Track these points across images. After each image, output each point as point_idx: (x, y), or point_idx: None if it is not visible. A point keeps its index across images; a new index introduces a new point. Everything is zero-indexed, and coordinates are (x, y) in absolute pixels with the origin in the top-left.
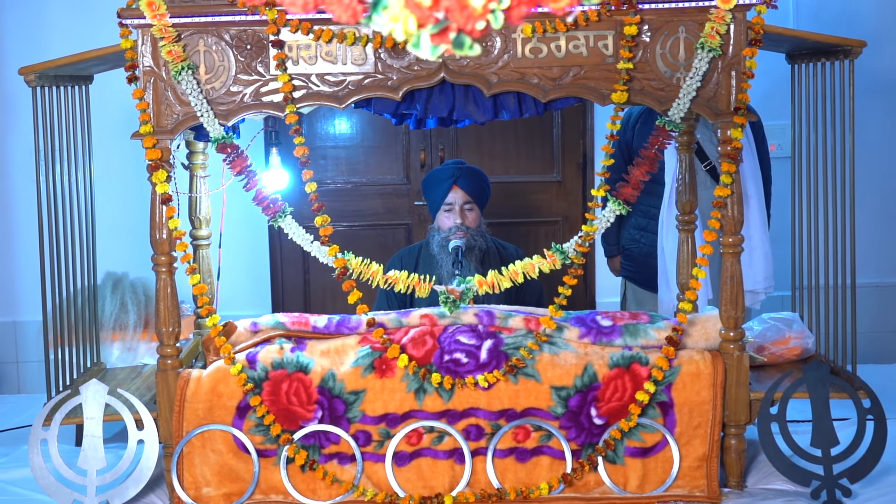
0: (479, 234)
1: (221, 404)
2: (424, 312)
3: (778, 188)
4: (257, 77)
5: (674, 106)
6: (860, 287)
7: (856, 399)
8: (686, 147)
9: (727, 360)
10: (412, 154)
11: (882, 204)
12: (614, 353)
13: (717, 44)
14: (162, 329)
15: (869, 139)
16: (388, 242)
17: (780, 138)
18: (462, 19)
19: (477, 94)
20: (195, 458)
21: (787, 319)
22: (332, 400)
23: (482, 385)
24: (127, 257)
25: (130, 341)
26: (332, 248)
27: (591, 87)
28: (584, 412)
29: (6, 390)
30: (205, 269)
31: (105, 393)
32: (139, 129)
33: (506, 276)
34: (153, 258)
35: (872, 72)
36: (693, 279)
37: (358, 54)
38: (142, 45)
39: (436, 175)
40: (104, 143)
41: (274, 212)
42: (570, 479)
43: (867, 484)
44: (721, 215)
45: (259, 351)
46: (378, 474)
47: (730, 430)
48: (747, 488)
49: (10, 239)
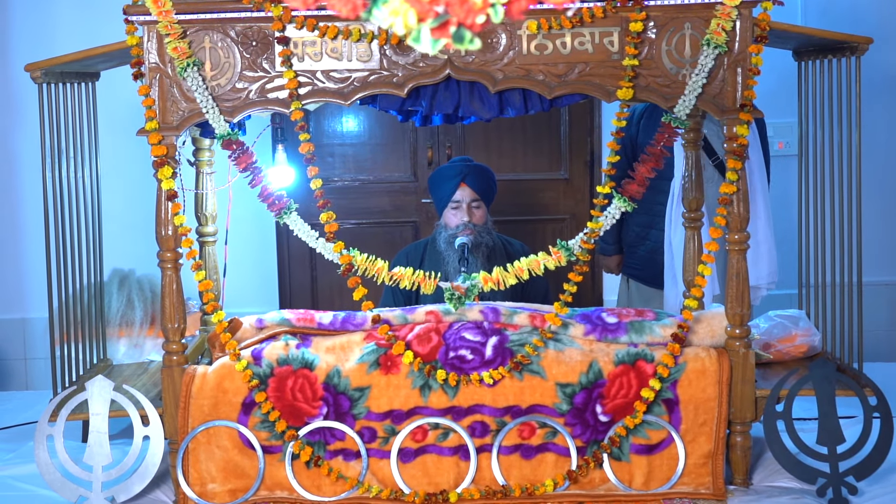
0: (485, 232)
1: (227, 400)
2: (430, 309)
3: (784, 185)
4: (263, 73)
5: (679, 103)
6: (867, 285)
7: (862, 397)
8: (692, 144)
9: (733, 357)
10: (419, 151)
11: (889, 201)
12: (620, 350)
13: (723, 40)
14: (167, 325)
15: (876, 136)
16: (395, 240)
17: (787, 136)
18: (462, 13)
19: (482, 91)
20: (200, 454)
21: (793, 317)
22: (337, 396)
23: (487, 382)
24: (133, 254)
25: (137, 338)
26: (338, 245)
27: (596, 84)
28: (590, 409)
29: (14, 387)
30: (211, 265)
31: (111, 389)
32: (145, 125)
33: (511, 272)
34: (159, 254)
35: (880, 69)
36: (699, 276)
37: (363, 51)
38: (147, 42)
39: (443, 172)
40: (110, 139)
41: (279, 208)
42: (576, 475)
43: (873, 481)
44: (727, 212)
45: (264, 347)
46: (383, 471)
47: (735, 428)
48: (753, 486)
49: (17, 236)
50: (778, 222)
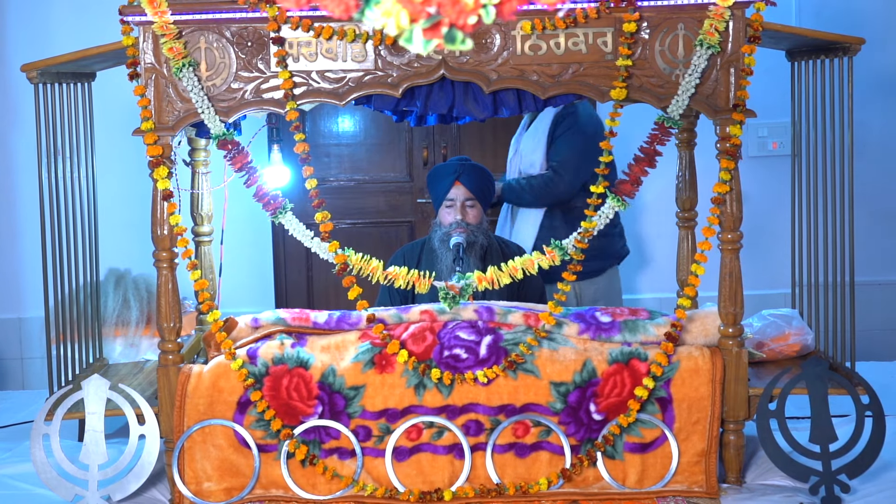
0: (480, 231)
1: (222, 399)
2: (424, 308)
3: (778, 185)
4: (258, 74)
5: (672, 103)
6: (859, 284)
7: (854, 395)
8: (686, 144)
9: (726, 356)
10: (415, 152)
11: (882, 201)
12: (613, 349)
13: (716, 41)
14: (163, 325)
15: (869, 136)
16: (391, 240)
17: (781, 136)
18: (454, 14)
19: (477, 91)
20: (196, 452)
21: (786, 316)
22: (332, 395)
23: (481, 381)
24: (129, 253)
25: (133, 337)
26: (333, 245)
27: (590, 84)
28: (584, 408)
29: (10, 386)
30: (206, 265)
31: (107, 388)
32: (141, 125)
33: (505, 272)
34: (154, 254)
35: (875, 70)
36: (692, 275)
37: (358, 51)
38: (143, 42)
39: (439, 170)
40: (106, 139)
41: (274, 208)
42: (570, 474)
43: (866, 480)
44: (720, 212)
45: (260, 346)
46: (378, 469)
47: (728, 426)
48: (746, 484)
49: (13, 236)
50: (771, 222)
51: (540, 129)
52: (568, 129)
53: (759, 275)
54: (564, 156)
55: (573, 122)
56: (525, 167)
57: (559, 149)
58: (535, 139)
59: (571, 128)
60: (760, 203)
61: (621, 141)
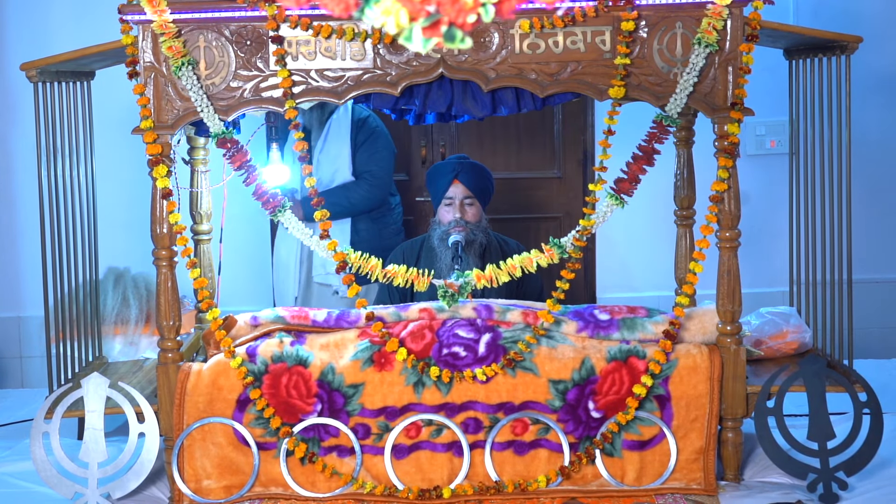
0: (478, 229)
1: (222, 397)
2: (423, 306)
3: (776, 183)
4: (257, 73)
5: (671, 101)
6: (857, 282)
7: (852, 393)
8: (684, 142)
9: (724, 353)
10: (413, 150)
11: (879, 199)
12: (612, 347)
13: (714, 39)
14: (162, 323)
15: (866, 134)
16: None
17: (779, 134)
18: (453, 13)
19: (475, 90)
20: (196, 450)
21: (784, 314)
22: (331, 393)
23: (480, 378)
24: (129, 252)
25: (132, 335)
26: (332, 243)
27: (588, 83)
28: (582, 405)
29: (10, 384)
30: (206, 263)
31: (106, 386)
32: (140, 124)
33: (504, 270)
34: (154, 252)
35: (873, 68)
36: (690, 273)
37: (357, 50)
38: (142, 41)
39: (438, 169)
40: (105, 138)
41: (273, 206)
42: (568, 471)
43: (863, 477)
44: (718, 210)
45: (259, 345)
46: (377, 467)
47: (727, 424)
48: (744, 481)
49: (13, 234)
50: (769, 220)
51: (340, 136)
52: (370, 136)
53: (757, 273)
54: (377, 164)
55: (373, 128)
56: (326, 176)
57: (369, 157)
58: (337, 146)
59: (373, 133)
60: (758, 201)
61: (620, 139)
